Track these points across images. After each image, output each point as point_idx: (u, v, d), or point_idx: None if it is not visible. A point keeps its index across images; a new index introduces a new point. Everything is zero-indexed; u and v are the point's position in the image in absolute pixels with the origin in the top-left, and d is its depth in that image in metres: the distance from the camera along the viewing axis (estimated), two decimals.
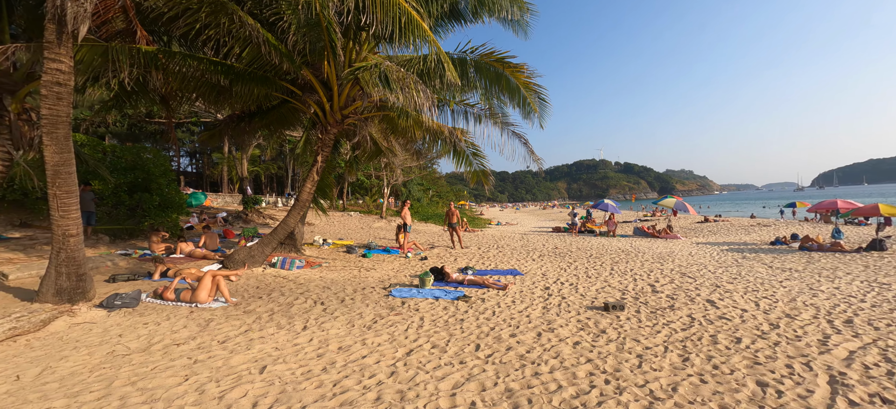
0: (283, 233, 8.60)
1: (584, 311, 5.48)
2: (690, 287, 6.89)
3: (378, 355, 3.95)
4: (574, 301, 6.03)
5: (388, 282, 7.42)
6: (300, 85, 8.64)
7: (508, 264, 9.60)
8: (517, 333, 4.60)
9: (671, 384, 3.30)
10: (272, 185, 49.57)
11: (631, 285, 7.10)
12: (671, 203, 18.98)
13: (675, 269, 8.75)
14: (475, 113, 8.34)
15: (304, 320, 5.05)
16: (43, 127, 5.03)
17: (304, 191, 8.72)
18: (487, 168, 9.34)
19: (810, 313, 5.26)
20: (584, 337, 4.44)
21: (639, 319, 5.09)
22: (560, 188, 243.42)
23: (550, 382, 3.36)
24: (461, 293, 6.39)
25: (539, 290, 6.83)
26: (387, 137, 11.39)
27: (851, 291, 6.51)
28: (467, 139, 9.15)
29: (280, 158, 42.23)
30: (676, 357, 3.86)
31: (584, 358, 3.85)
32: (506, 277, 8.00)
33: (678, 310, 5.49)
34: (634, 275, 8.08)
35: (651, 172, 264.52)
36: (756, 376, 3.45)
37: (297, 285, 6.98)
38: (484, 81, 7.59)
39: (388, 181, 25.99)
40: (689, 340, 4.34)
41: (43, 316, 4.61)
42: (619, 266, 9.18)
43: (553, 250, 12.23)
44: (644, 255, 11.12)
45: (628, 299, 6.15)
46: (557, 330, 4.68)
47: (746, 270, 8.64)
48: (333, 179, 13.87)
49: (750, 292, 6.47)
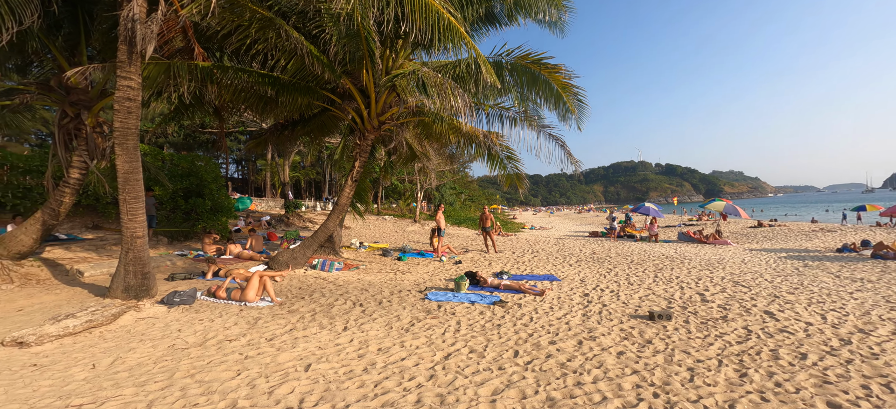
0: (323, 236, 8.92)
1: (627, 319, 5.26)
2: (745, 297, 6.42)
3: (416, 357, 3.99)
4: (616, 309, 5.80)
5: (424, 285, 7.49)
6: (340, 93, 8.96)
7: (544, 270, 9.40)
8: (557, 340, 4.48)
9: (728, 401, 3.09)
10: (311, 189, 51.68)
11: (677, 294, 6.73)
12: (720, 206, 17.80)
13: (726, 277, 8.19)
14: (510, 116, 8.27)
15: (344, 320, 5.20)
16: (115, 138, 5.55)
17: (343, 196, 9.01)
18: (522, 172, 9.22)
19: (889, 329, 4.74)
20: (628, 347, 4.25)
21: (688, 329, 4.81)
22: (596, 191, 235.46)
23: (594, 393, 3.24)
24: (497, 298, 6.33)
25: (578, 296, 6.63)
26: (421, 141, 11.55)
27: None
28: (502, 143, 9.08)
29: (318, 164, 43.96)
30: (732, 372, 3.61)
31: (629, 369, 3.69)
32: (542, 282, 7.84)
33: (732, 321, 5.13)
34: (681, 283, 7.65)
35: (696, 174, 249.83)
36: (827, 396, 3.15)
37: (336, 287, 7.21)
38: (520, 84, 7.51)
39: (421, 185, 26.29)
40: (746, 354, 4.04)
41: (114, 310, 5.05)
42: (664, 273, 8.73)
43: (591, 255, 11.83)
44: (691, 261, 10.50)
45: (675, 308, 5.83)
46: (599, 339, 4.51)
47: (809, 279, 7.93)
48: (369, 184, 14.23)
49: (815, 304, 5.93)
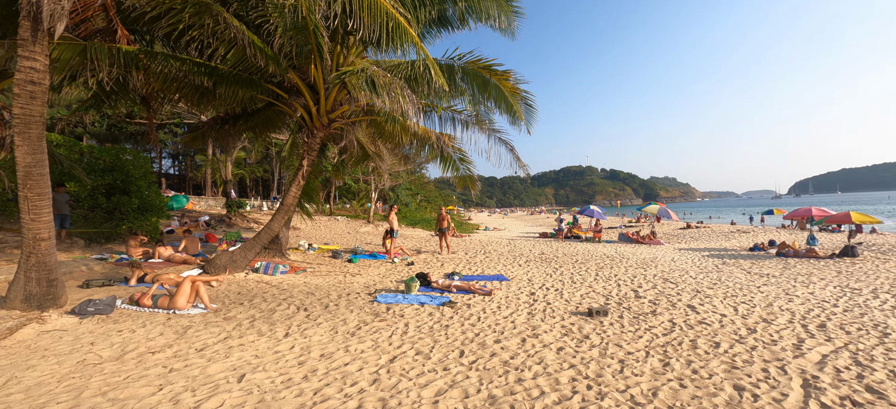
0: (266, 237, 8.45)
1: (569, 316, 5.53)
2: (672, 293, 7.02)
3: (361, 362, 3.90)
4: (559, 307, 6.07)
5: (374, 288, 7.36)
6: (286, 88, 8.55)
7: (495, 270, 9.62)
8: (502, 339, 4.60)
9: (652, 389, 3.35)
10: (257, 188, 48.84)
11: (615, 291, 7.20)
12: (655, 210, 19.36)
13: (657, 274, 8.91)
14: (462, 119, 8.39)
15: (286, 326, 4.96)
16: (15, 127, 4.85)
17: (290, 195, 8.60)
18: (474, 173, 9.38)
19: (786, 318, 5.41)
20: (567, 343, 4.47)
21: (622, 324, 5.16)
22: (548, 194, 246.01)
23: (533, 388, 3.36)
24: (447, 299, 6.37)
25: (525, 295, 6.86)
26: (374, 141, 11.35)
27: (825, 296, 6.73)
28: (454, 145, 9.18)
29: (266, 161, 41.66)
30: (657, 362, 3.92)
31: (567, 364, 3.88)
32: (492, 282, 8.02)
33: (660, 315, 5.58)
34: (618, 280, 8.19)
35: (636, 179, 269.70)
36: (733, 380, 3.53)
37: (280, 291, 6.86)
38: (471, 88, 7.64)
39: (375, 186, 25.84)
40: (670, 345, 4.41)
41: (9, 324, 4.41)
42: (604, 272, 9.30)
43: (539, 256, 12.31)
44: (628, 260, 11.29)
45: (612, 304, 6.23)
46: (542, 336, 4.70)
47: (726, 275, 8.85)
48: (320, 184, 13.73)
49: (729, 298, 6.62)
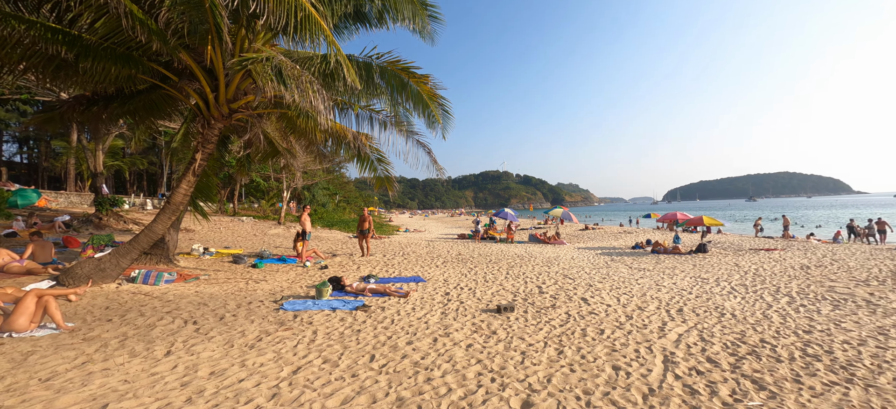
0: (147, 241, 7.28)
1: (480, 314, 5.79)
2: (570, 287, 7.81)
3: (259, 377, 3.57)
4: (471, 305, 6.33)
5: (281, 294, 6.83)
6: (177, 70, 7.50)
7: (412, 271, 9.65)
8: (414, 340, 4.62)
9: (547, 376, 3.67)
10: (141, 183, 42.00)
11: (522, 288, 7.75)
12: (559, 213, 21.37)
13: (559, 271, 9.83)
14: (380, 119, 8.25)
15: (168, 343, 4.32)
16: None
17: (179, 192, 7.53)
18: (392, 175, 9.30)
19: (655, 305, 6.40)
20: (476, 339, 4.67)
21: (526, 318, 5.57)
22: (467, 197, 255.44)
23: (441, 386, 3.44)
24: (361, 303, 6.20)
25: (440, 296, 7.00)
26: (286, 136, 10.56)
27: (683, 285, 8.12)
28: (372, 145, 8.99)
29: (152, 152, 36.03)
30: (553, 351, 4.32)
31: (474, 360, 4.05)
32: (408, 284, 8.03)
33: (558, 308, 6.17)
34: (526, 278, 8.84)
35: (546, 185, 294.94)
36: (612, 361, 4.05)
37: (163, 303, 5.96)
38: (390, 88, 7.57)
39: (288, 184, 24.02)
40: (565, 334, 4.89)
41: None
42: (514, 270, 9.96)
43: (457, 257, 12.70)
44: (535, 259, 12.26)
45: (519, 300, 6.70)
46: (453, 334, 4.84)
47: (613, 270, 10.15)
48: (220, 180, 12.28)
49: (614, 290, 7.60)
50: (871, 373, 3.77)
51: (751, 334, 4.94)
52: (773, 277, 9.02)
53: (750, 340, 4.71)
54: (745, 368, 3.89)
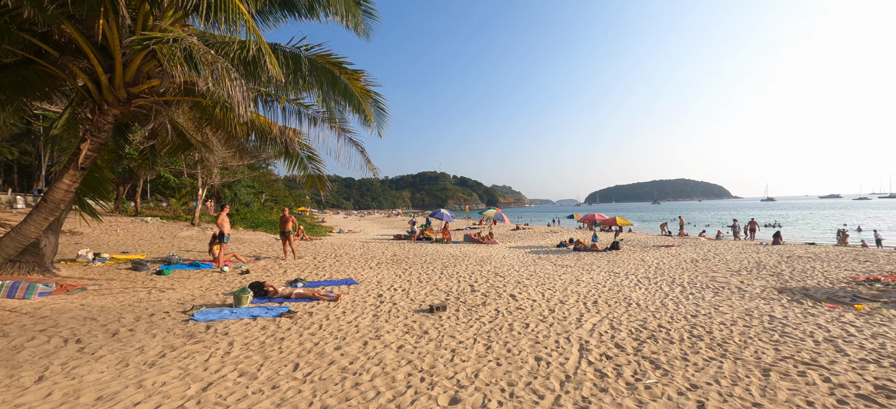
0: (13, 246, 6.06)
1: (412, 315, 5.78)
2: (500, 285, 8.15)
3: (160, 397, 3.17)
4: (404, 306, 6.29)
5: (192, 304, 6.14)
6: (60, 44, 6.38)
7: (345, 274, 9.32)
8: (343, 345, 4.46)
9: (475, 371, 3.78)
10: (10, 177, 35.03)
11: (455, 287, 7.90)
12: (492, 214, 22.22)
13: (491, 270, 10.22)
14: (310, 115, 7.83)
15: (41, 368, 3.64)
16: None
17: (59, 188, 6.39)
18: (324, 173, 8.88)
19: (574, 299, 6.95)
20: (408, 341, 4.65)
21: (457, 317, 5.69)
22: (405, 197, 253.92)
23: (369, 390, 3.37)
24: (286, 309, 5.83)
25: (372, 298, 6.85)
26: (200, 128, 9.52)
27: (599, 279, 8.94)
28: (302, 141, 8.50)
29: (26, 139, 30.19)
30: (482, 347, 4.47)
31: (405, 361, 4.03)
32: (340, 287, 7.74)
33: (488, 305, 6.40)
34: (459, 277, 9.04)
35: (482, 186, 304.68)
36: (535, 353, 4.31)
37: (35, 320, 5.00)
38: (320, 83, 7.21)
39: (204, 181, 21.69)
40: (494, 330, 5.09)
41: None
42: (448, 270, 10.12)
43: (391, 258, 12.54)
44: (469, 259, 12.59)
45: (451, 299, 6.82)
46: (384, 337, 4.76)
47: (539, 268, 10.82)
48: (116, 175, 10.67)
49: (539, 286, 8.10)
50: (739, 347, 4.50)
51: (651, 320, 5.60)
52: (670, 270, 10.34)
53: (650, 326, 5.34)
54: (646, 350, 4.40)
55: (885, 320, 5.57)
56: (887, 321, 5.53)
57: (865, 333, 5.03)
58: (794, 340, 4.76)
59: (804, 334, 4.96)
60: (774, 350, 4.41)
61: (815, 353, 4.33)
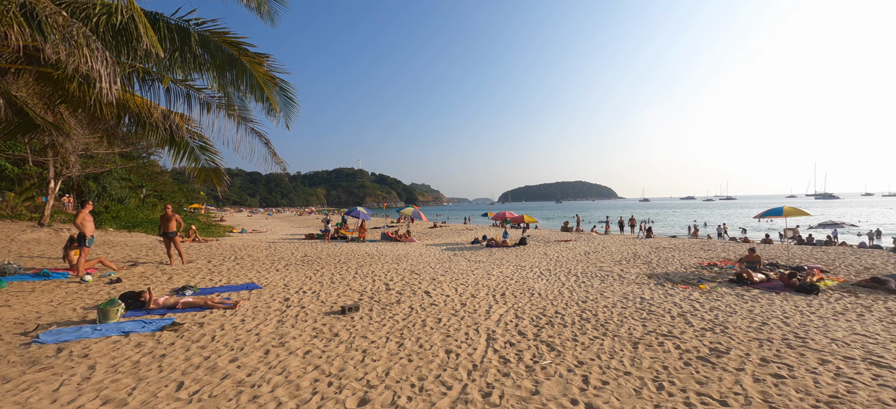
0: None
1: (322, 317, 5.50)
2: (415, 282, 8.22)
3: None
4: (313, 309, 5.96)
5: (37, 322, 4.98)
6: None
7: (246, 278, 8.46)
8: (240, 356, 4.05)
9: (386, 370, 3.76)
10: None
11: (369, 286, 7.74)
12: (410, 212, 22.27)
13: (407, 268, 10.24)
14: (203, 99, 6.89)
15: None
16: None
17: None
18: (220, 166, 7.91)
19: (484, 292, 7.34)
20: (316, 345, 4.42)
21: (370, 317, 5.58)
22: (319, 194, 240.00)
23: (270, 402, 3.12)
24: (170, 321, 5.08)
25: (278, 302, 6.35)
26: (51, 105, 7.73)
27: (507, 273, 9.59)
28: (191, 128, 7.45)
29: None
30: (394, 345, 4.46)
31: (311, 366, 3.82)
32: (240, 292, 7.01)
33: (403, 303, 6.41)
34: (374, 276, 8.88)
35: (400, 184, 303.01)
36: (446, 346, 4.45)
37: None
38: (216, 63, 6.40)
39: (58, 172, 17.67)
40: (407, 327, 5.12)
41: None
42: (364, 269, 9.87)
43: (302, 259, 11.77)
44: (386, 257, 12.44)
45: (365, 299, 6.66)
46: (289, 343, 4.45)
47: (454, 264, 11.19)
48: None
49: (453, 281, 8.38)
50: (617, 326, 5.23)
51: (549, 308, 6.19)
52: (567, 262, 11.55)
53: (548, 313, 5.90)
54: (544, 335, 4.86)
55: (718, 297, 7.00)
56: (720, 297, 6.96)
57: (705, 307, 6.27)
58: (657, 316, 5.71)
59: (664, 311, 5.98)
60: (642, 326, 5.24)
61: (670, 326, 5.25)
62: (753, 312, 5.98)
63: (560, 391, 3.41)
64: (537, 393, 3.35)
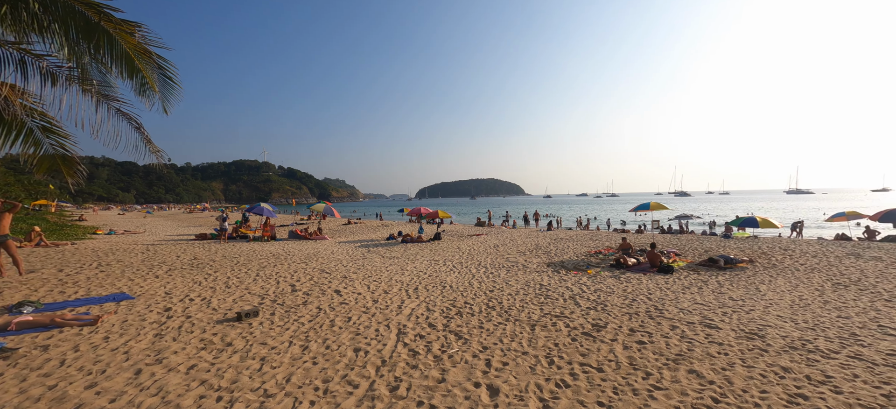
0: None
1: (213, 327, 4.91)
2: (325, 282, 7.83)
3: None
4: (202, 318, 5.28)
5: None
6: None
7: (113, 288, 7.11)
8: (101, 380, 3.41)
9: (287, 376, 3.52)
10: None
11: (273, 289, 7.15)
12: (321, 208, 21.12)
13: (316, 267, 9.70)
14: (46, 69, 5.52)
15: None
16: None
17: None
18: (72, 153, 6.47)
19: (398, 287, 7.34)
20: (204, 358, 3.93)
21: (272, 321, 5.16)
22: (215, 189, 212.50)
23: None
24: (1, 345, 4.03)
25: (155, 314, 5.47)
26: None
27: (421, 268, 9.71)
28: (29, 104, 5.95)
29: None
30: (298, 349, 4.19)
31: (196, 382, 3.39)
32: (103, 305, 5.87)
33: (310, 304, 6.06)
34: (279, 278, 8.22)
35: (312, 179, 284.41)
36: (355, 344, 4.34)
37: None
38: (67, 27, 5.20)
39: None
40: (313, 329, 4.86)
41: None
42: (267, 271, 9.06)
43: (191, 262, 10.33)
44: (293, 257, 11.61)
45: (267, 303, 6.13)
46: (169, 359, 3.88)
47: (368, 261, 10.95)
48: None
49: (366, 279, 8.19)
50: (518, 311, 5.69)
51: (459, 299, 6.46)
52: (478, 255, 12.16)
53: (458, 303, 6.15)
54: (452, 325, 5.05)
55: (601, 280, 8.08)
56: (602, 280, 8.03)
57: (591, 289, 7.18)
58: (552, 300, 6.36)
59: (558, 295, 6.69)
60: (540, 310, 5.78)
61: (563, 308, 5.90)
62: (627, 291, 7.03)
63: (465, 376, 3.58)
64: (443, 381, 3.48)
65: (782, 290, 7.00)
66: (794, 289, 7.06)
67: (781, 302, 6.18)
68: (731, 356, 4.06)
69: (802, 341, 4.47)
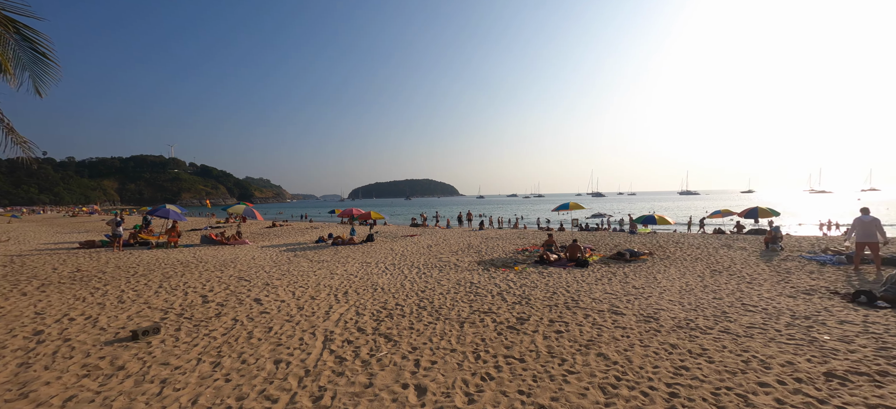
0: None
1: (100, 349, 4.24)
2: (243, 290, 7.21)
3: None
4: (86, 340, 4.53)
5: None
6: None
7: None
8: None
9: (193, 398, 3.17)
10: None
11: (179, 301, 6.38)
12: (241, 210, 19.39)
13: (233, 274, 8.87)
14: None
15: None
16: None
17: None
18: None
19: (326, 292, 7.03)
20: (86, 387, 3.38)
21: (176, 338, 4.61)
22: (108, 188, 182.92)
23: None
24: None
25: (20, 339, 4.56)
26: None
27: (353, 271, 9.41)
28: None
29: None
30: (208, 366, 3.80)
31: None
32: None
33: (224, 316, 5.53)
34: (187, 288, 7.37)
35: (231, 178, 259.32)
36: (275, 356, 4.06)
37: None
38: None
39: None
40: (227, 343, 4.44)
41: None
42: (172, 281, 8.06)
43: (69, 276, 8.77)
44: (206, 264, 10.49)
45: (171, 317, 5.46)
46: (37, 392, 3.26)
47: (295, 266, 10.31)
48: None
49: (291, 285, 7.71)
50: (449, 310, 5.80)
51: (390, 301, 6.39)
52: (411, 255, 12.15)
53: (389, 305, 6.08)
54: (382, 328, 4.98)
55: (527, 275, 8.59)
56: (528, 276, 8.55)
57: (517, 284, 7.59)
58: (481, 297, 6.61)
59: (486, 292, 6.96)
60: (469, 307, 5.97)
61: (491, 304, 6.15)
62: (548, 285, 7.58)
63: (393, 378, 3.56)
64: (371, 386, 3.42)
65: (673, 277, 8.10)
66: (682, 276, 8.21)
67: (672, 288, 7.15)
68: (632, 338, 4.60)
69: (687, 320, 5.23)
